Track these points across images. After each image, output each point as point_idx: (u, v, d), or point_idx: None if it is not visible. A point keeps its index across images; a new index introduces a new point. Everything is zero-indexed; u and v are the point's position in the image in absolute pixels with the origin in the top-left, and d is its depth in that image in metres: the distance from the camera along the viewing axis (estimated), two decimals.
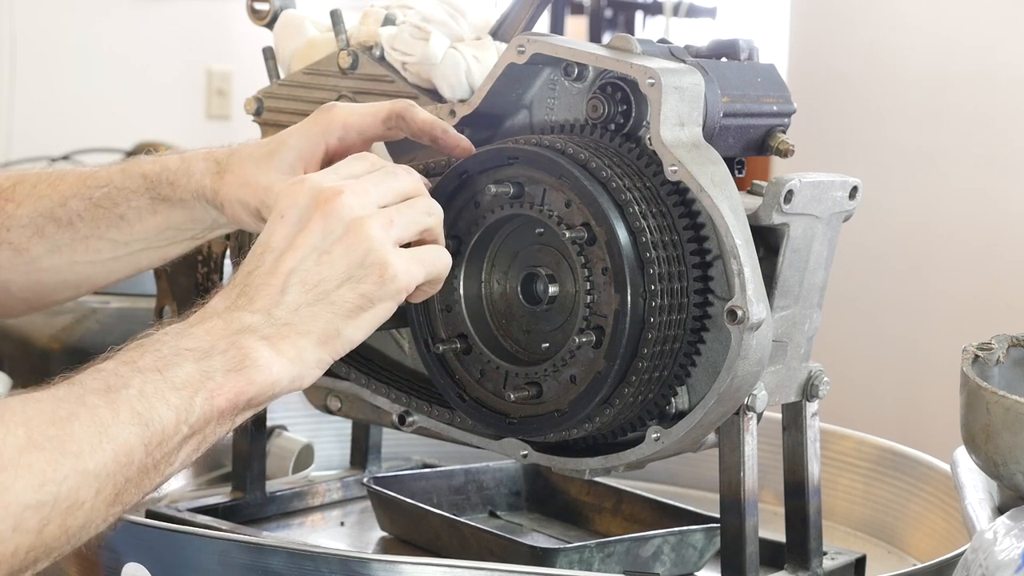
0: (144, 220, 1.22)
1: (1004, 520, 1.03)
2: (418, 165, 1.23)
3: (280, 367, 0.96)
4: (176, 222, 1.21)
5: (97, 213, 1.22)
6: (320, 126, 1.15)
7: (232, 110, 4.75)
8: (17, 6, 4.39)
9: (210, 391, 0.93)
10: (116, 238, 1.23)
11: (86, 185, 1.23)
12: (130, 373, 0.92)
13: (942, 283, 3.41)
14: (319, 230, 0.98)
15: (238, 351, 0.95)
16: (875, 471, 1.46)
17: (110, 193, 1.22)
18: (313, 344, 0.97)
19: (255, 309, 0.97)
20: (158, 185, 1.20)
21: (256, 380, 0.95)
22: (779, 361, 1.17)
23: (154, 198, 1.21)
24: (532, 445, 1.19)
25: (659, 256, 1.08)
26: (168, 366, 0.93)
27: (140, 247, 1.24)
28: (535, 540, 1.33)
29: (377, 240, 0.98)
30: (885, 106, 3.53)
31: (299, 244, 0.98)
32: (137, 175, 1.22)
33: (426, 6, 1.30)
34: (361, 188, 1.00)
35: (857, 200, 1.18)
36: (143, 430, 0.90)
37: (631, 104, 1.14)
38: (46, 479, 0.86)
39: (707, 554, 1.26)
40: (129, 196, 1.22)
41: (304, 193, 1.00)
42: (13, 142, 4.39)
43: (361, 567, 1.06)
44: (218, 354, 0.94)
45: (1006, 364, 1.19)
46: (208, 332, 0.96)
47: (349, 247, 0.98)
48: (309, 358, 0.97)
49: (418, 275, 1.01)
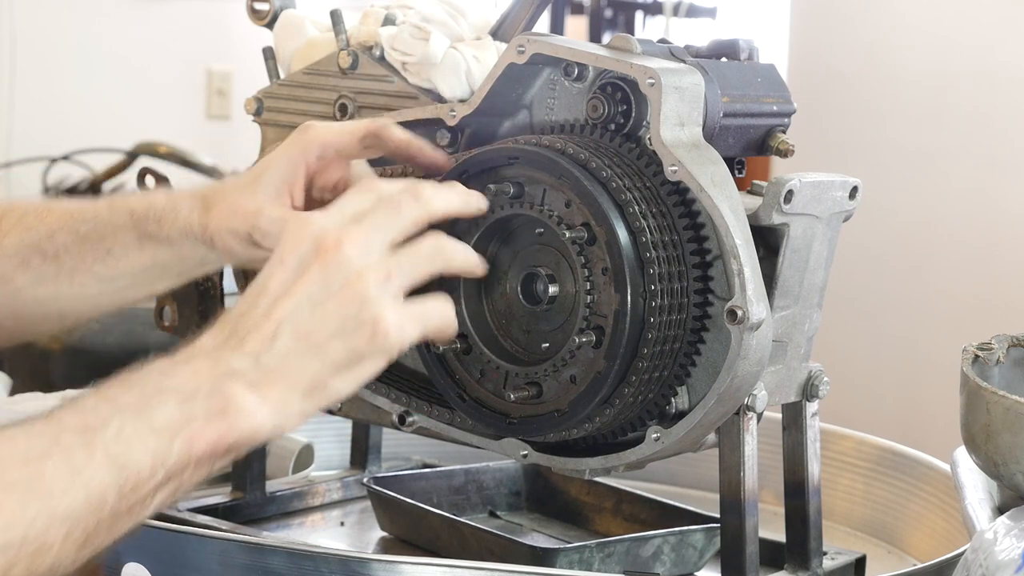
0: (130, 256, 1.22)
1: (1004, 520, 1.03)
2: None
3: (263, 415, 0.94)
4: (163, 259, 1.21)
5: (84, 247, 1.22)
6: (299, 147, 1.15)
7: (232, 110, 4.74)
8: (17, 6, 4.39)
9: (190, 435, 0.91)
10: (102, 272, 1.23)
11: (73, 219, 1.23)
12: (109, 411, 0.91)
13: (942, 283, 3.41)
14: (317, 280, 0.97)
15: (222, 395, 0.93)
16: (875, 471, 1.46)
17: (97, 228, 1.22)
18: (299, 394, 0.96)
19: (244, 352, 0.96)
20: (144, 222, 1.20)
21: (237, 426, 0.93)
22: (779, 361, 1.17)
23: (140, 235, 1.21)
24: (532, 445, 1.19)
25: (659, 256, 1.08)
26: (149, 406, 0.92)
27: (126, 282, 1.24)
28: (535, 540, 1.33)
29: (373, 297, 0.97)
30: (885, 106, 3.53)
31: (295, 292, 0.97)
32: (124, 211, 1.22)
33: (426, 6, 1.30)
34: (363, 236, 0.98)
35: (857, 200, 1.18)
36: (118, 473, 0.89)
37: (631, 104, 1.14)
38: (14, 520, 0.85)
39: (707, 554, 1.26)
40: (116, 231, 1.21)
41: (306, 239, 0.98)
42: (13, 142, 4.39)
43: (361, 567, 1.06)
44: (201, 397, 0.93)
45: (1006, 364, 1.19)
46: (195, 372, 0.94)
47: (344, 301, 0.96)
48: (293, 408, 0.96)
49: (412, 333, 0.99)
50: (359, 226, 0.98)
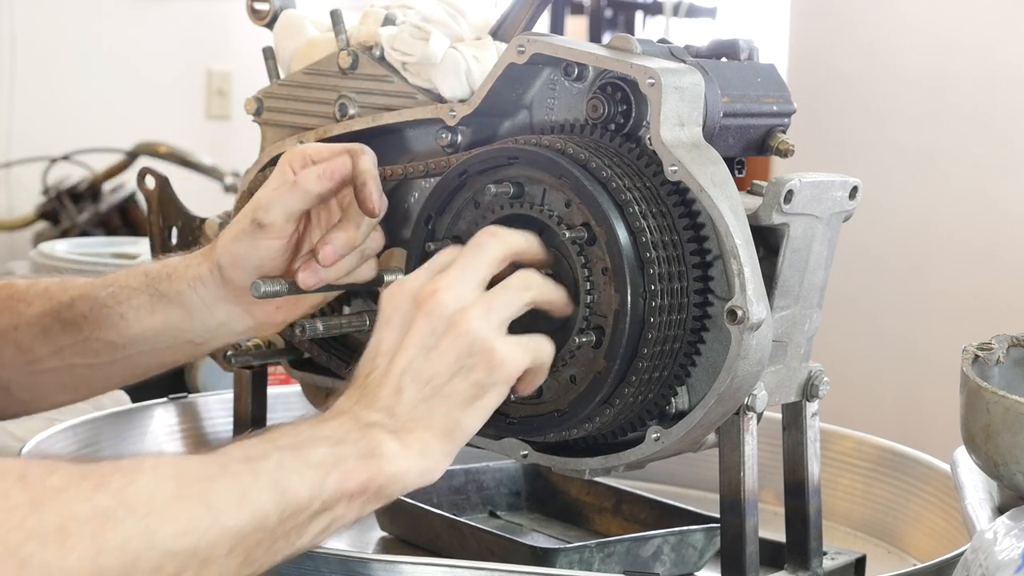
0: (143, 320, 1.25)
1: (1004, 520, 1.03)
2: (418, 165, 1.24)
3: (408, 460, 1.00)
4: (174, 321, 1.25)
5: (101, 313, 1.26)
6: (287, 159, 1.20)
7: (232, 110, 4.75)
8: (17, 6, 4.39)
9: (342, 472, 0.97)
10: (114, 339, 1.26)
11: (94, 285, 1.28)
12: (270, 449, 0.97)
13: (942, 283, 3.42)
14: (424, 328, 1.03)
15: (369, 441, 0.99)
16: (875, 471, 1.46)
17: (115, 292, 1.26)
18: (436, 437, 1.01)
19: (377, 408, 1.01)
20: (157, 281, 1.25)
21: (385, 470, 0.99)
22: (779, 361, 1.17)
23: (152, 295, 1.25)
24: (532, 445, 1.19)
25: (659, 256, 1.08)
26: (303, 447, 0.97)
27: (137, 350, 1.27)
28: (535, 540, 1.33)
29: (480, 329, 1.02)
30: (885, 106, 3.53)
31: (408, 344, 1.03)
32: (139, 273, 1.27)
33: (426, 6, 1.30)
34: (455, 280, 1.04)
35: (857, 200, 1.18)
36: (279, 497, 0.94)
37: (631, 104, 1.14)
38: (189, 528, 0.90)
39: (707, 554, 1.26)
40: (131, 294, 1.25)
41: (404, 296, 1.05)
42: (13, 142, 4.39)
43: (361, 567, 1.06)
44: (351, 442, 0.99)
45: (1006, 364, 1.19)
46: (340, 425, 1.00)
47: (455, 340, 1.02)
48: (434, 451, 1.01)
49: (523, 360, 1.04)
50: (449, 273, 1.05)
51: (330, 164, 1.18)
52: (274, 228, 1.19)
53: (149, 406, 1.49)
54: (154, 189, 1.40)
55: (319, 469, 0.96)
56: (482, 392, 1.02)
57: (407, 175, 1.25)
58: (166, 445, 1.47)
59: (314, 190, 1.18)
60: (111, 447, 1.42)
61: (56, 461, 0.90)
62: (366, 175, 1.18)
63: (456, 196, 1.16)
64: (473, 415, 1.03)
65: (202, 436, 1.49)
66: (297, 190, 1.18)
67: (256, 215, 1.19)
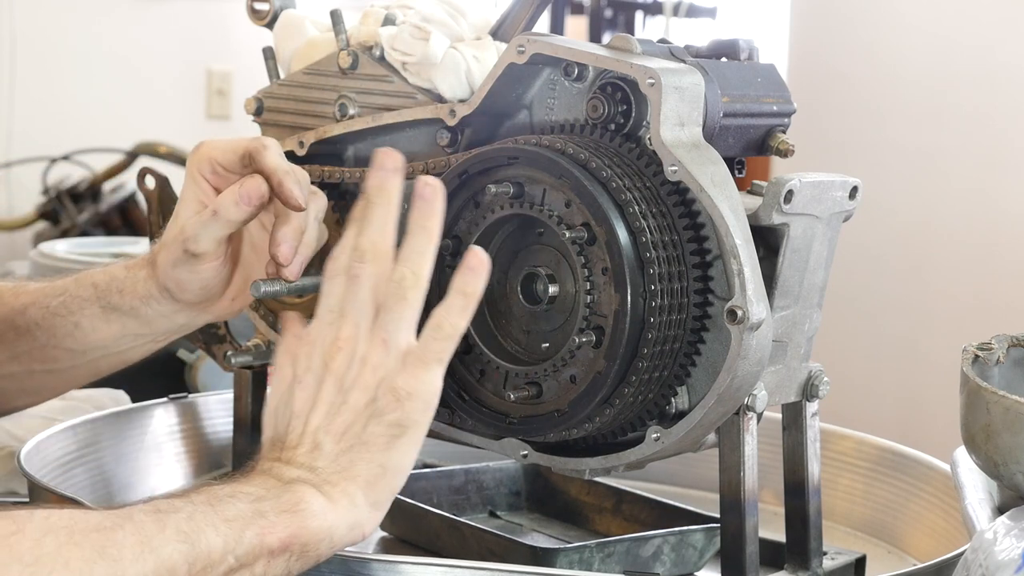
0: (99, 330, 1.25)
1: (1004, 520, 1.03)
2: (418, 165, 1.23)
3: (335, 515, 0.98)
4: (131, 329, 1.25)
5: (54, 322, 1.25)
6: (194, 165, 1.20)
7: (232, 110, 4.75)
8: (17, 6, 4.39)
9: (261, 527, 0.94)
10: (72, 347, 1.26)
11: (44, 294, 1.27)
12: (182, 503, 0.94)
13: (942, 283, 3.41)
14: (332, 386, 1.01)
15: (292, 495, 0.97)
16: (875, 471, 1.45)
17: (65, 302, 1.25)
18: (362, 488, 1.00)
19: (297, 464, 1.00)
20: (107, 294, 1.24)
21: (310, 525, 0.96)
22: (779, 361, 1.17)
23: (105, 307, 1.24)
24: (532, 445, 1.19)
25: (659, 256, 1.08)
26: (221, 502, 0.95)
27: (98, 355, 1.27)
28: (535, 540, 1.33)
29: (381, 369, 1.01)
30: (885, 106, 3.53)
31: (319, 402, 1.01)
32: (88, 284, 1.25)
33: (426, 6, 1.30)
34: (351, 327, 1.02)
35: (857, 200, 1.18)
36: (189, 548, 0.91)
37: (631, 104, 1.14)
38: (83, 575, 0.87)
39: (707, 554, 1.26)
40: (83, 305, 1.25)
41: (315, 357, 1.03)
42: (13, 142, 4.39)
43: (361, 567, 1.06)
44: (271, 498, 0.96)
45: (1006, 364, 1.19)
46: (262, 483, 0.98)
47: (361, 389, 1.01)
48: (361, 502, 1.00)
49: (433, 374, 1.01)
50: (345, 320, 1.02)
51: (245, 189, 1.15)
52: (207, 255, 1.18)
53: (149, 406, 1.49)
54: (154, 189, 1.40)
55: (235, 523, 0.94)
56: (402, 430, 1.01)
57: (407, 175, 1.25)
58: (166, 445, 1.47)
59: (236, 218, 1.16)
60: (111, 447, 1.42)
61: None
62: (278, 172, 1.15)
63: (456, 196, 1.16)
64: (399, 454, 1.01)
65: (202, 436, 1.49)
66: (220, 220, 1.16)
67: (187, 246, 1.18)
